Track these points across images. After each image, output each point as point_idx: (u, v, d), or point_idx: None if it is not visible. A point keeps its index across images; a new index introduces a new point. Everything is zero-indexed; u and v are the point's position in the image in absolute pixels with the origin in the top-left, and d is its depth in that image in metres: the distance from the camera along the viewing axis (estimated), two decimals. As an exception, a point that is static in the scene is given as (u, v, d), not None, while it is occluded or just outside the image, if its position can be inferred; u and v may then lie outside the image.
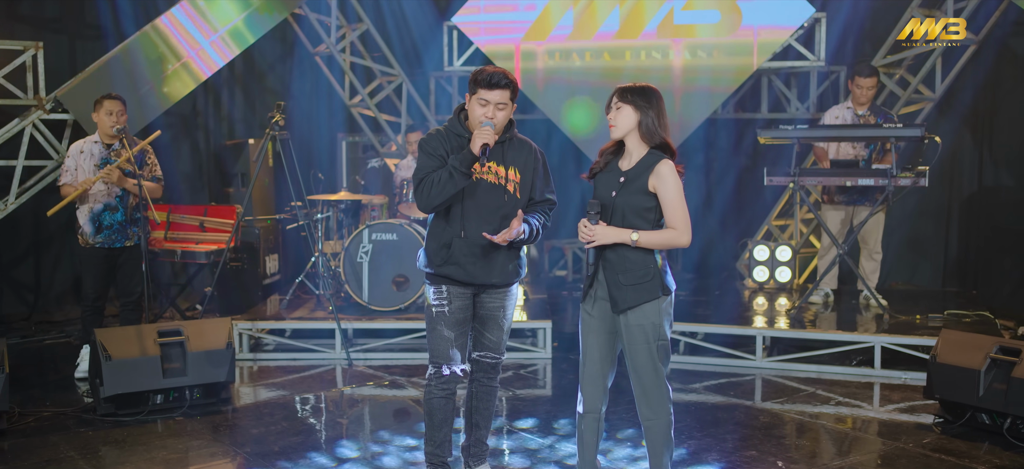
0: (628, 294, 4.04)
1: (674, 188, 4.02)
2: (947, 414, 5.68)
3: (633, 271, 4.04)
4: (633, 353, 4.09)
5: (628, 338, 4.09)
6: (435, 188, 4.24)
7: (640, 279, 4.03)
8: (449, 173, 4.22)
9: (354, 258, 7.66)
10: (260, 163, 7.81)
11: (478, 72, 4.32)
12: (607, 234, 4.04)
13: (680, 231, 4.04)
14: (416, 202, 4.36)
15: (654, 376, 4.09)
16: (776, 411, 6.11)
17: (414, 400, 6.44)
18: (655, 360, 4.06)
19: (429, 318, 4.47)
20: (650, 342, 4.04)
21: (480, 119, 4.28)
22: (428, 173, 4.28)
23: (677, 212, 4.02)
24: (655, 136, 4.07)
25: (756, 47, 8.99)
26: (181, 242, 8.24)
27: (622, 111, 4.09)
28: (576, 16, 9.26)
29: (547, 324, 7.49)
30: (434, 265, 4.40)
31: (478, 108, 4.29)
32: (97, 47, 8.95)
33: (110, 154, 6.73)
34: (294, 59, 10.19)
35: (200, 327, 6.20)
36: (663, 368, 4.10)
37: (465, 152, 4.24)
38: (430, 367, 4.47)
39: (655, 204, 4.05)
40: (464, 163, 4.22)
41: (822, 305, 8.10)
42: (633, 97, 4.08)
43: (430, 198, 4.27)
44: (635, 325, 4.05)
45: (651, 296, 4.03)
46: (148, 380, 5.87)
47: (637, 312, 4.04)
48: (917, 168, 7.26)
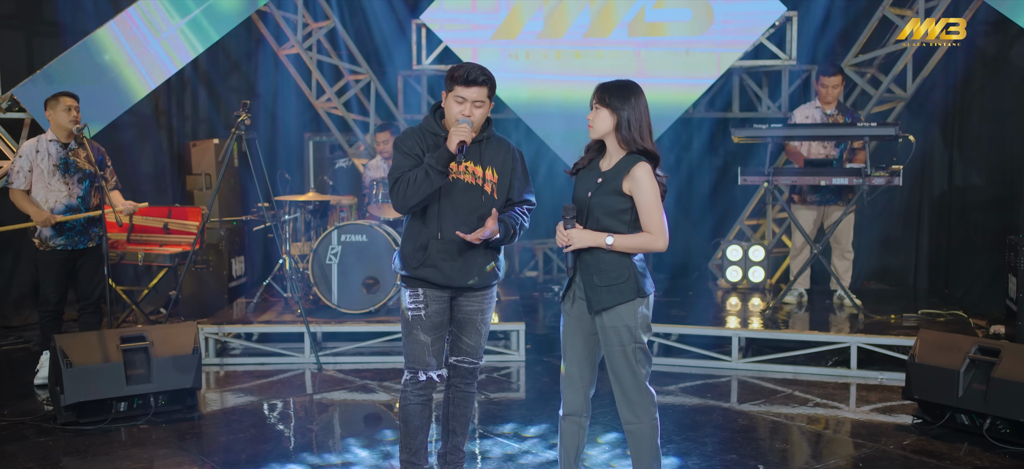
0: (602, 295, 3.96)
1: (649, 191, 3.93)
2: (926, 415, 5.64)
3: (608, 272, 3.97)
4: (610, 356, 4.02)
5: (604, 340, 4.03)
6: (411, 187, 4.12)
7: (614, 280, 3.95)
8: (425, 172, 4.10)
9: (323, 260, 7.51)
10: (226, 163, 7.61)
11: (454, 69, 4.20)
12: (582, 238, 3.96)
13: (655, 235, 3.96)
14: (392, 202, 4.23)
15: (632, 379, 4.00)
16: (754, 413, 6.04)
17: (385, 404, 6.30)
18: (632, 363, 3.98)
19: (405, 322, 4.33)
20: (625, 345, 3.96)
21: (457, 117, 4.16)
22: (404, 172, 4.16)
23: (652, 216, 3.94)
24: (633, 141, 3.96)
25: (727, 46, 8.94)
26: (144, 244, 8.04)
27: (599, 113, 4.00)
28: (546, 14, 9.16)
29: (520, 326, 7.38)
30: (410, 267, 4.28)
31: (455, 106, 4.17)
32: (55, 44, 8.69)
33: (68, 154, 6.51)
34: (260, 57, 9.98)
35: (165, 332, 6.02)
36: (642, 371, 4.01)
37: (441, 150, 4.12)
38: (406, 372, 4.34)
39: (631, 206, 3.97)
40: (440, 161, 4.09)
41: (796, 305, 8.06)
42: (611, 98, 3.98)
43: (406, 198, 4.14)
44: (610, 327, 3.97)
45: (626, 298, 3.95)
46: (111, 387, 5.68)
47: (612, 314, 3.96)
48: (891, 167, 7.24)
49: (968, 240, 9.18)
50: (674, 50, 9.05)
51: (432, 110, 4.33)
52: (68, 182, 6.50)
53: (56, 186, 6.44)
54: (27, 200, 6.42)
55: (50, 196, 6.44)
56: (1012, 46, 8.82)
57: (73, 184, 6.51)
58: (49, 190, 6.44)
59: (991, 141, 9.08)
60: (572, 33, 9.15)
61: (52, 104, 6.46)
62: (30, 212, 6.41)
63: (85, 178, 6.55)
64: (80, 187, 6.54)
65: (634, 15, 9.03)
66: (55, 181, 6.45)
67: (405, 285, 4.32)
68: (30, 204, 6.41)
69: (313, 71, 9.71)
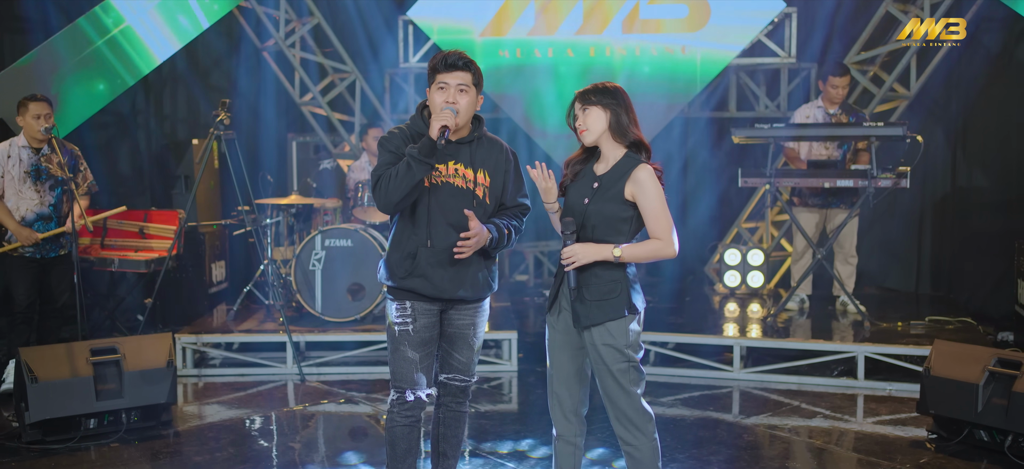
0: (591, 310, 3.71)
1: (655, 195, 3.69)
2: (942, 430, 5.36)
3: (598, 285, 3.71)
4: (600, 377, 3.78)
5: (594, 359, 3.77)
6: (393, 181, 3.79)
7: (605, 295, 3.70)
8: (407, 164, 3.78)
9: (306, 266, 7.19)
10: (204, 165, 7.25)
11: (434, 58, 3.92)
12: (587, 252, 3.70)
13: (665, 242, 3.71)
14: (375, 201, 3.91)
15: (627, 399, 3.74)
16: (761, 428, 5.75)
17: (372, 417, 6.00)
18: (624, 384, 3.72)
19: (391, 337, 4.01)
20: (614, 365, 3.70)
21: (441, 107, 3.87)
22: (386, 169, 3.85)
23: (660, 221, 3.69)
24: (628, 133, 3.75)
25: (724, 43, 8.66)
26: (119, 250, 7.70)
27: (590, 113, 3.78)
28: (538, 10, 8.86)
29: (512, 335, 7.07)
30: (397, 278, 3.96)
31: (438, 96, 3.87)
32: (24, 41, 8.31)
33: (40, 160, 6.17)
34: (240, 54, 9.64)
35: (138, 344, 5.68)
36: (636, 389, 3.75)
37: (424, 139, 3.81)
38: (392, 392, 4.02)
39: (631, 214, 3.72)
40: (423, 150, 3.78)
41: (798, 311, 7.79)
42: (598, 97, 3.77)
43: (389, 193, 3.82)
44: (600, 345, 3.71)
45: (615, 314, 3.69)
46: (79, 403, 5.35)
47: (601, 331, 3.70)
48: (899, 169, 6.97)
49: (972, 243, 8.91)
50: (669, 47, 8.76)
51: (418, 109, 4.03)
52: (40, 189, 6.18)
53: (27, 194, 6.12)
54: (3, 211, 6.09)
55: (21, 204, 6.11)
56: (1019, 43, 8.57)
57: (45, 191, 6.19)
58: (20, 198, 6.13)
59: (996, 141, 8.81)
60: (565, 29, 8.85)
61: (21, 109, 6.11)
62: (9, 226, 6.09)
63: (57, 185, 6.23)
64: (52, 194, 6.21)
65: (629, 10, 8.74)
66: (26, 189, 6.14)
67: (391, 297, 4.01)
68: (8, 217, 6.09)
69: (296, 68, 9.37)
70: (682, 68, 8.75)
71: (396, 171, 3.80)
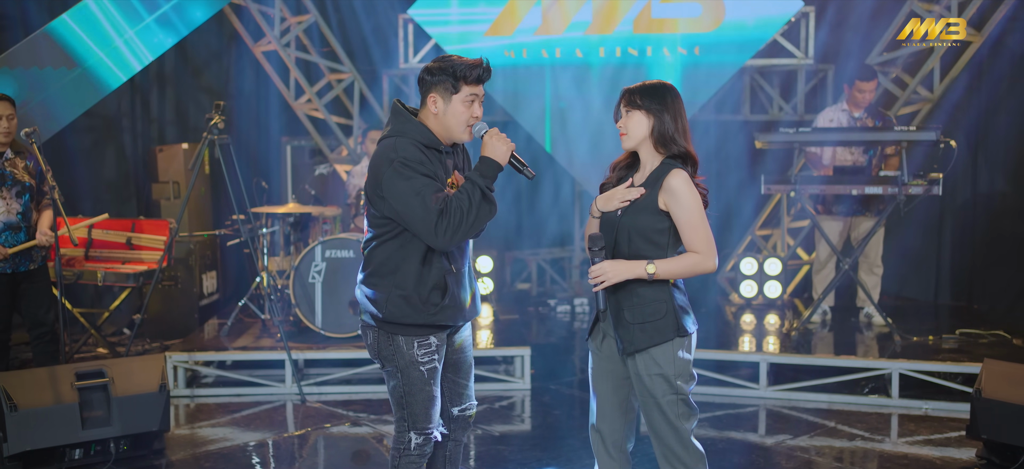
0: (635, 335, 3.37)
1: (690, 204, 3.35)
2: (993, 455, 5.01)
3: (641, 308, 3.38)
4: (645, 410, 3.44)
5: (638, 389, 3.43)
6: (469, 217, 3.37)
7: (649, 317, 3.36)
8: (481, 194, 3.41)
9: (305, 278, 6.78)
10: (196, 171, 6.80)
11: (456, 66, 3.47)
12: (618, 270, 3.35)
13: (704, 255, 3.38)
14: (436, 238, 3.39)
15: (674, 435, 3.40)
16: (800, 452, 5.37)
17: (376, 439, 5.60)
18: (671, 418, 3.38)
19: (415, 379, 3.55)
20: (662, 397, 3.37)
21: (467, 122, 3.51)
22: (443, 197, 3.40)
23: (698, 232, 3.37)
24: (672, 144, 3.41)
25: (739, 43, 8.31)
26: (105, 262, 7.27)
27: (632, 117, 3.44)
28: (545, 9, 8.48)
29: (525, 351, 6.67)
30: (427, 315, 3.52)
31: (464, 109, 3.48)
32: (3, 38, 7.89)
33: (4, 164, 5.68)
34: (234, 54, 9.23)
35: (127, 366, 5.26)
36: (686, 424, 3.40)
37: (488, 164, 3.44)
38: (413, 436, 3.60)
39: (668, 225, 3.39)
40: (490, 178, 3.46)
41: (820, 324, 7.43)
42: (643, 100, 3.42)
43: (468, 230, 3.40)
44: (644, 375, 3.37)
45: (663, 338, 3.36)
46: (64, 433, 4.93)
47: (645, 358, 3.36)
48: (930, 175, 6.63)
49: (994, 250, 8.59)
50: (683, 47, 8.40)
51: (406, 113, 3.56)
52: (5, 197, 5.64)
53: None
54: None
55: None
56: (1042, 44, 8.25)
57: (11, 198, 5.66)
58: None
59: (1019, 146, 8.48)
60: (573, 29, 8.48)
61: None
62: None
63: (24, 192, 5.71)
64: (19, 202, 5.68)
65: (640, 9, 8.37)
66: None
67: (412, 335, 3.54)
68: None
69: (292, 69, 8.96)
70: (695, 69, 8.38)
71: (469, 203, 3.37)
